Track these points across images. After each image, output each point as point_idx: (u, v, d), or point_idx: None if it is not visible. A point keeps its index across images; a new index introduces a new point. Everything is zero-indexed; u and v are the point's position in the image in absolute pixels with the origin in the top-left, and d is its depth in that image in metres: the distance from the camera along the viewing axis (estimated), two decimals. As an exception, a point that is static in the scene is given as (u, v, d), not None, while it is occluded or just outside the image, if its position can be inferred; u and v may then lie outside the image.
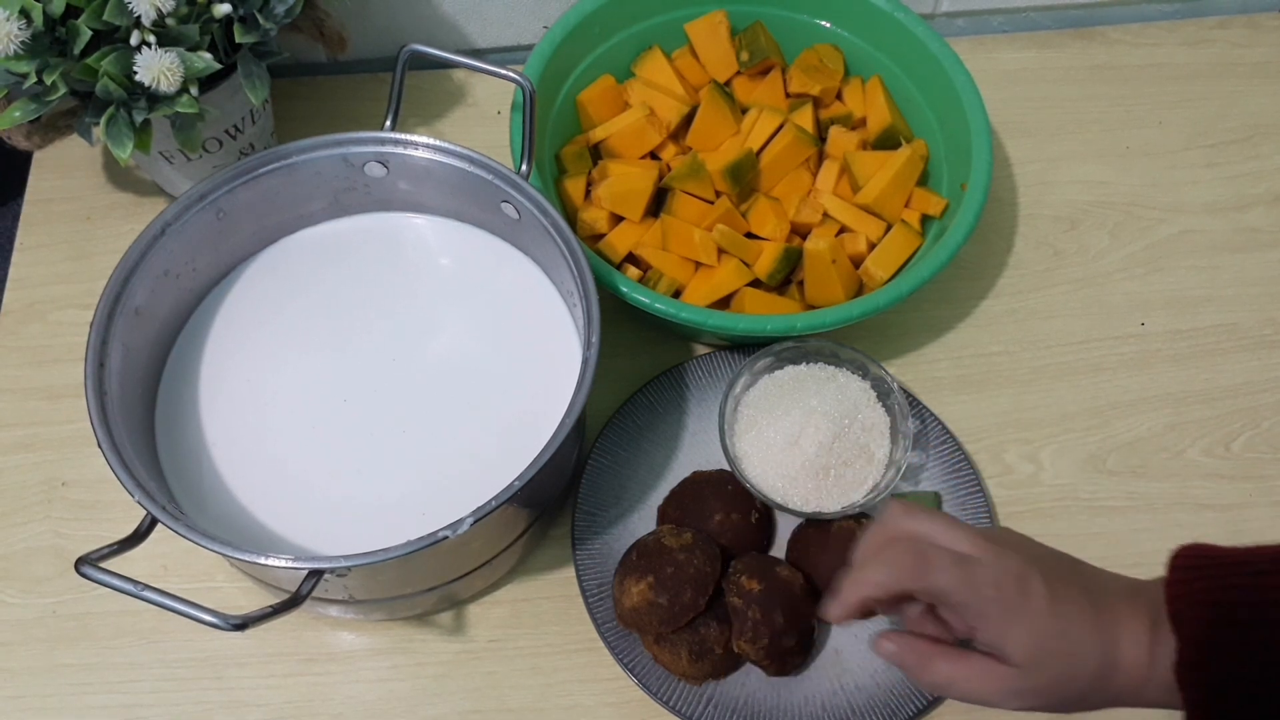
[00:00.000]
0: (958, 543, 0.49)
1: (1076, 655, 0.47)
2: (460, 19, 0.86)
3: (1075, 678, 0.48)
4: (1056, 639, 0.47)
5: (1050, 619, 0.48)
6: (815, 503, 0.65)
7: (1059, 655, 0.47)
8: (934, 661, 0.50)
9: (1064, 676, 0.48)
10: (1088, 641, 0.48)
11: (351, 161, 0.66)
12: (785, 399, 0.67)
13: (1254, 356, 0.76)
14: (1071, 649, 0.47)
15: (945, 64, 0.74)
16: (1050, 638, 0.47)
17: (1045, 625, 0.47)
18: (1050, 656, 0.47)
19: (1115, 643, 0.47)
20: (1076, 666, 0.47)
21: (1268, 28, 0.92)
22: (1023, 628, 0.47)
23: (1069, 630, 0.48)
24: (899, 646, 0.50)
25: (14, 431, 0.71)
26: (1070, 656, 0.47)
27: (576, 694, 0.64)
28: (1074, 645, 0.47)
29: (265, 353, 0.65)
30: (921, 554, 0.49)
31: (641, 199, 0.72)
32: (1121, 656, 0.47)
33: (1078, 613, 0.48)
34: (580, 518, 0.66)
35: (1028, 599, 0.48)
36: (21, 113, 0.63)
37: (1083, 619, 0.48)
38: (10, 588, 0.66)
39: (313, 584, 0.51)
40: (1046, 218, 0.82)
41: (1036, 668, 0.47)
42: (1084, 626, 0.48)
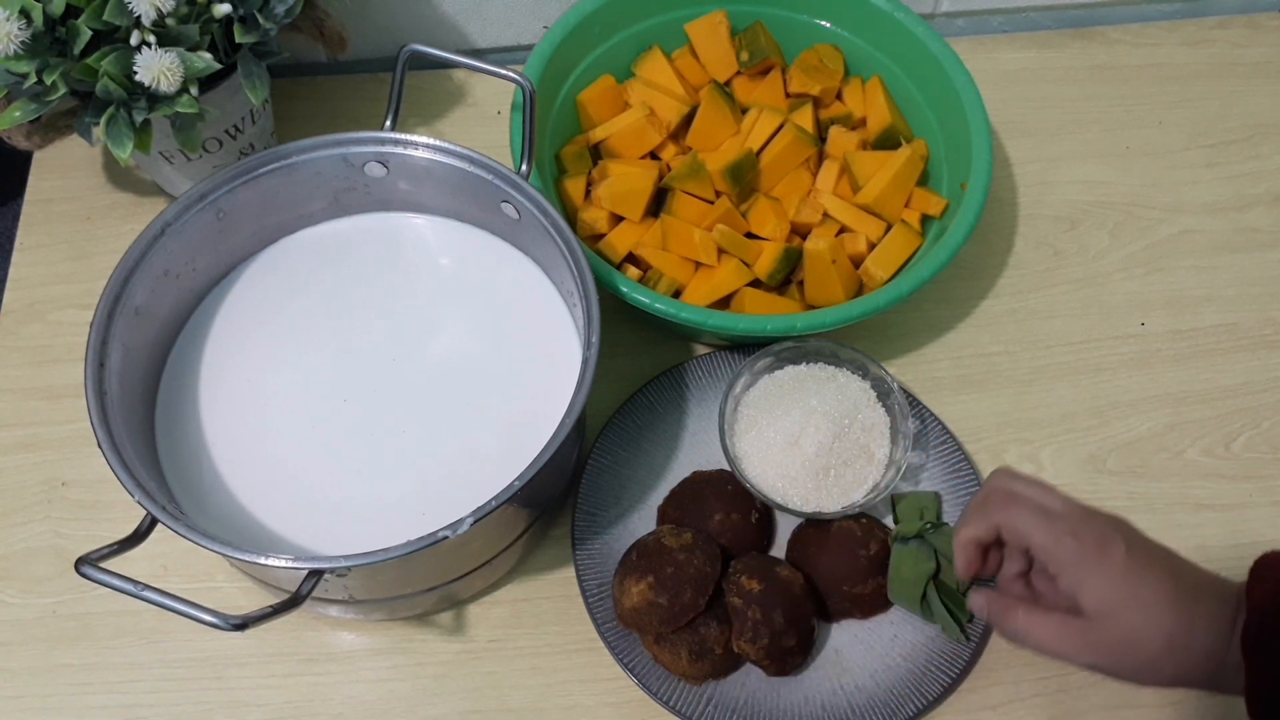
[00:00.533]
0: (1051, 501, 0.54)
1: (1149, 618, 0.50)
2: (460, 19, 0.86)
3: (1144, 640, 0.50)
4: (1130, 598, 0.50)
5: (1126, 577, 0.50)
6: (815, 503, 0.65)
7: (1131, 613, 0.50)
8: (1014, 611, 0.53)
9: (1133, 637, 0.50)
10: (1162, 608, 0.50)
11: (351, 161, 0.66)
12: (785, 399, 0.67)
13: (1254, 356, 0.76)
14: (1144, 611, 0.50)
15: (945, 64, 0.74)
16: (1124, 595, 0.50)
17: (1120, 581, 0.50)
18: (1122, 612, 0.50)
19: (1191, 618, 0.49)
20: (1147, 630, 0.50)
21: (1268, 28, 0.92)
22: (1099, 578, 0.50)
23: (1143, 593, 0.50)
24: (986, 599, 0.55)
25: (14, 431, 0.71)
26: (1142, 617, 0.50)
27: (576, 694, 0.64)
28: (1147, 608, 0.50)
29: (265, 353, 0.65)
30: (1012, 498, 0.54)
31: (641, 199, 0.72)
32: (1196, 633, 0.49)
33: (1155, 580, 0.50)
34: (580, 518, 0.66)
35: (1106, 555, 0.51)
36: (21, 113, 0.63)
37: (1160, 587, 0.50)
38: (10, 588, 0.66)
39: (313, 584, 0.51)
40: (1046, 218, 0.82)
41: (1107, 621, 0.50)
42: (1160, 594, 0.50)
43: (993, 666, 0.64)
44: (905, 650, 0.64)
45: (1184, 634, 0.49)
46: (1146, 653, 0.50)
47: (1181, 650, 0.49)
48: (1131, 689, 0.64)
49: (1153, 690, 0.64)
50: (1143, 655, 0.50)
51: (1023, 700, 0.64)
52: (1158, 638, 0.50)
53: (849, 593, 0.63)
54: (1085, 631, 0.51)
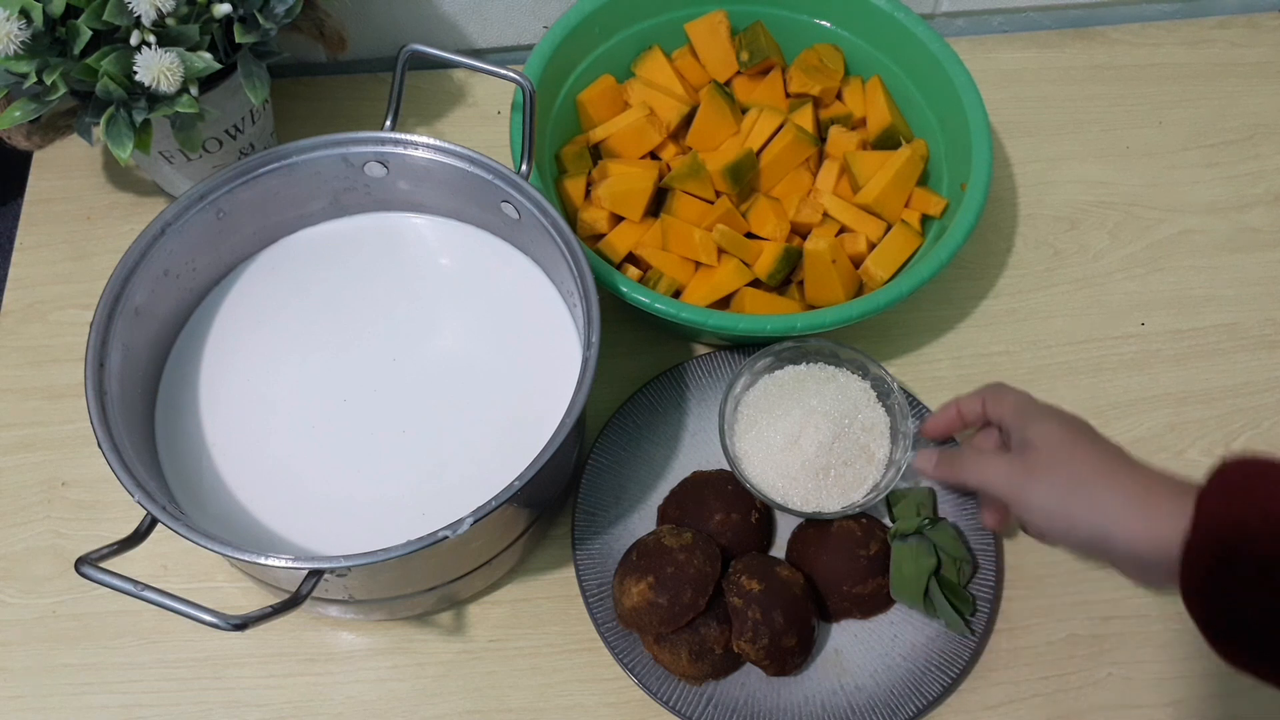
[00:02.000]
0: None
1: (1093, 451, 0.54)
2: (460, 19, 0.86)
3: (1085, 468, 0.54)
4: (1078, 433, 0.55)
5: (1076, 422, 0.56)
6: (815, 502, 0.65)
7: (1076, 443, 0.55)
8: (960, 456, 0.60)
9: (1074, 464, 0.54)
10: (1106, 448, 0.55)
11: (351, 161, 0.66)
12: (785, 399, 0.67)
13: (1254, 356, 0.76)
14: (1091, 444, 0.55)
15: (945, 64, 0.74)
16: (1073, 431, 0.56)
17: (1071, 423, 0.56)
18: (1067, 441, 0.55)
19: (1138, 474, 0.52)
20: (1090, 460, 0.54)
21: (1268, 28, 0.92)
22: (1052, 419, 0.57)
23: (1090, 435, 0.56)
24: (934, 454, 0.63)
25: (14, 431, 0.71)
26: (1087, 448, 0.54)
27: (576, 694, 0.64)
28: (1094, 442, 0.55)
29: (265, 353, 0.65)
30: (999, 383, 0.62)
31: (641, 199, 0.72)
32: (1140, 509, 0.51)
33: (1102, 439, 0.55)
34: (580, 518, 0.66)
35: (1063, 413, 0.57)
36: (21, 113, 0.63)
37: (1107, 444, 0.55)
38: (10, 588, 0.66)
39: (313, 584, 0.51)
40: (1046, 218, 0.82)
41: (1054, 449, 0.55)
42: (1107, 445, 0.55)
43: (993, 666, 0.65)
44: (905, 650, 0.64)
45: (1126, 475, 0.52)
46: (1086, 482, 0.53)
47: (1122, 491, 0.52)
48: (1132, 689, 0.64)
49: (1153, 691, 0.64)
50: (1082, 485, 0.53)
51: (1023, 700, 0.64)
52: (1099, 469, 0.53)
53: (849, 593, 0.63)
54: (1028, 461, 0.55)
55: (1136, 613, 0.66)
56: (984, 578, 0.65)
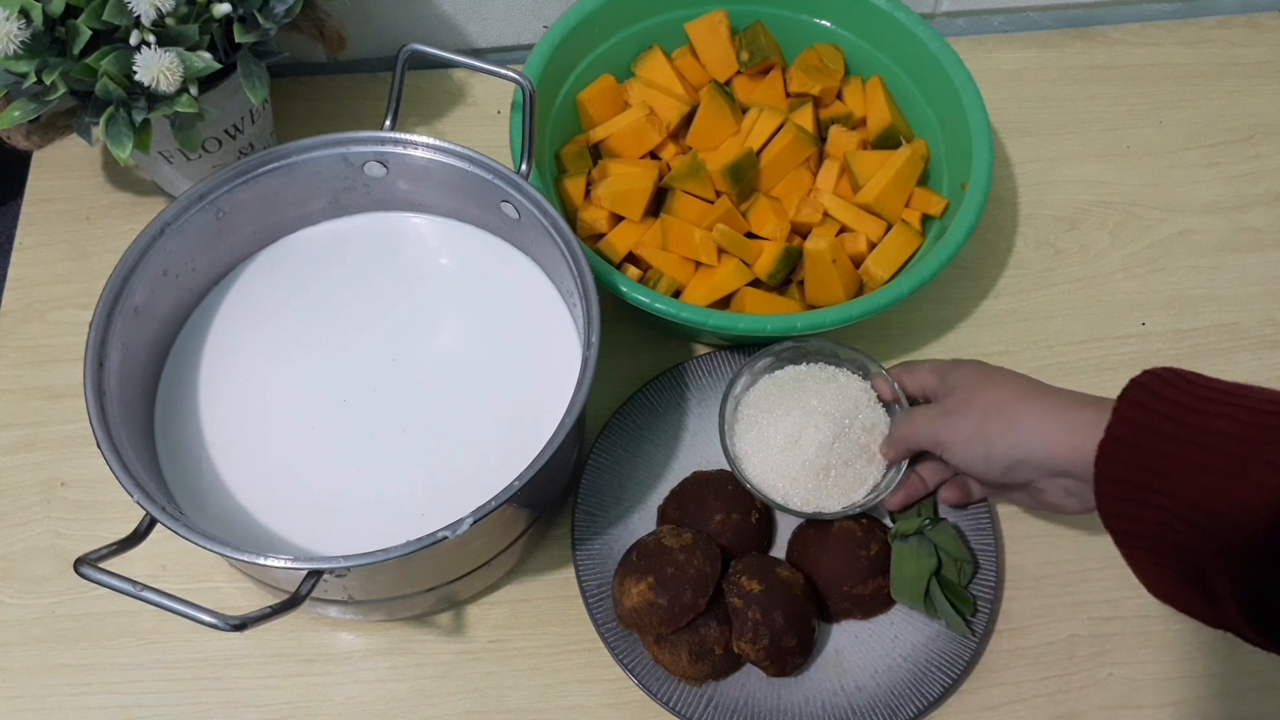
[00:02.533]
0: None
1: (1003, 381, 0.58)
2: (460, 19, 0.86)
3: (998, 393, 0.57)
4: (987, 372, 0.59)
5: (989, 366, 0.60)
6: (815, 503, 0.64)
7: (990, 386, 0.58)
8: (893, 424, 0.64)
9: (990, 405, 0.57)
10: (1009, 374, 0.58)
11: (351, 161, 0.66)
12: (786, 399, 0.67)
13: (1254, 356, 0.76)
14: (997, 376, 0.59)
15: (945, 64, 0.74)
16: (981, 371, 0.60)
17: (977, 366, 0.60)
18: (979, 384, 0.58)
19: (1062, 405, 0.54)
20: (1004, 387, 0.57)
21: (1268, 28, 0.92)
22: (964, 366, 0.61)
23: (997, 370, 0.59)
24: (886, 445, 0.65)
25: (14, 431, 0.71)
26: (998, 381, 0.58)
27: (576, 694, 0.64)
28: (999, 373, 0.59)
29: (265, 353, 0.65)
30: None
31: (641, 199, 0.72)
32: (1056, 420, 0.54)
33: (1024, 379, 0.58)
34: (580, 518, 0.66)
35: (976, 361, 0.62)
36: (21, 113, 0.63)
37: (1028, 381, 0.58)
38: (10, 588, 0.66)
39: (312, 584, 0.51)
40: (1047, 217, 0.82)
41: (968, 389, 0.59)
42: (1028, 382, 0.57)
43: (993, 667, 0.64)
44: (905, 651, 0.64)
45: (1042, 395, 0.55)
46: (1003, 405, 0.56)
47: (1039, 408, 0.54)
48: (1132, 689, 0.64)
49: (1153, 691, 0.64)
50: (998, 409, 0.56)
51: (1023, 700, 0.64)
52: (1016, 393, 0.56)
53: (849, 593, 0.63)
54: (946, 404, 0.59)
55: (1137, 613, 0.66)
56: (984, 578, 0.65)
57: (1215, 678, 0.65)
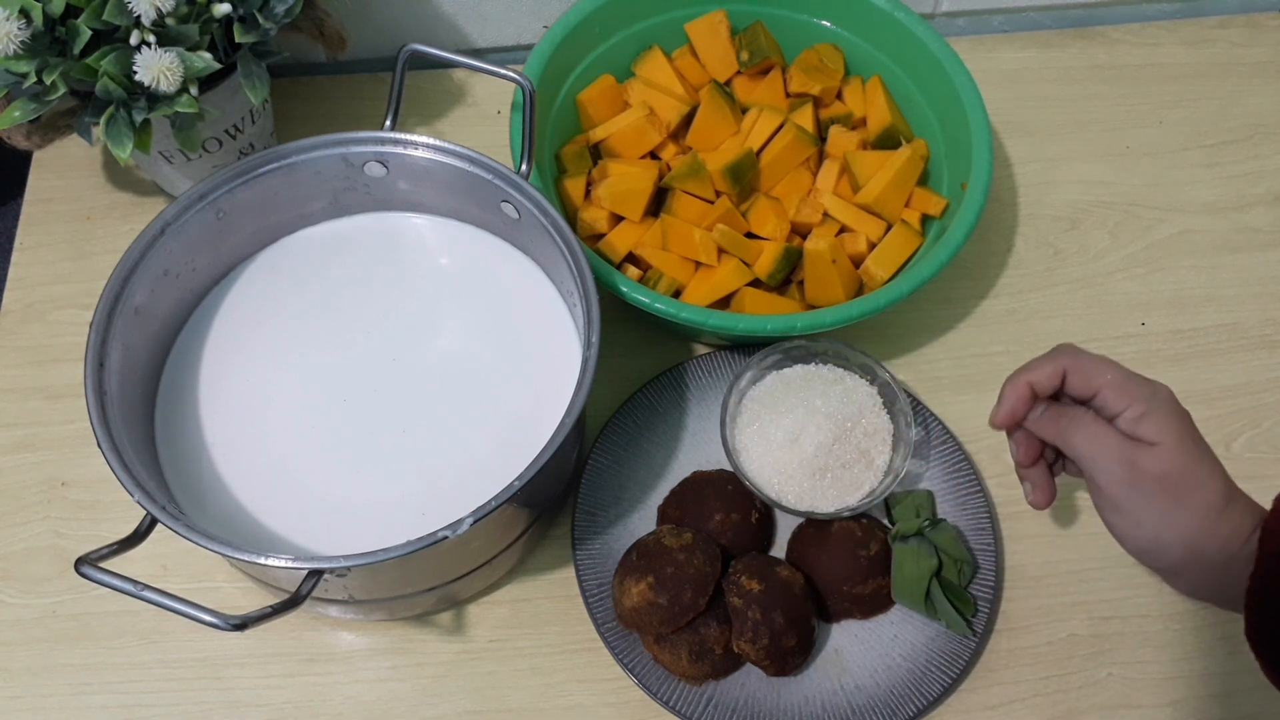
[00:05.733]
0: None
1: (1202, 460, 0.52)
2: (460, 19, 0.86)
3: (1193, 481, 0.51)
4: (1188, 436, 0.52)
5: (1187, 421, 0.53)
6: (810, 502, 0.64)
7: (1188, 450, 0.52)
8: (1077, 418, 0.54)
9: (1185, 474, 0.51)
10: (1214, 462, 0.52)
11: (351, 161, 0.66)
12: (790, 396, 0.67)
13: (1254, 356, 0.76)
14: (1199, 451, 0.52)
15: (945, 64, 0.74)
16: (1184, 430, 0.52)
17: (1182, 420, 0.53)
18: (1182, 444, 0.52)
19: (1232, 493, 0.51)
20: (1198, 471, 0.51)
21: (1268, 28, 0.92)
22: (1164, 410, 0.53)
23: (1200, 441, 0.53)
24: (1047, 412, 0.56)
25: (14, 431, 0.71)
26: (1196, 456, 0.52)
27: (576, 694, 0.64)
28: (1202, 451, 0.52)
29: (265, 353, 0.65)
30: (1079, 349, 0.56)
31: (641, 199, 0.72)
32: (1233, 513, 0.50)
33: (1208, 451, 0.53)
34: (580, 518, 0.66)
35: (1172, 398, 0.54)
36: (21, 113, 0.63)
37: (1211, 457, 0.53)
38: (10, 588, 0.66)
39: (313, 584, 0.51)
40: (1047, 217, 0.82)
41: (1166, 449, 0.51)
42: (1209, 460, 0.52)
43: (993, 666, 0.65)
44: (905, 650, 0.64)
45: (1224, 502, 0.51)
46: (1194, 495, 0.51)
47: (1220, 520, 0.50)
48: (1132, 689, 0.64)
49: (1153, 691, 0.64)
50: (1190, 497, 0.51)
51: (1023, 700, 0.64)
52: (1209, 485, 0.51)
53: (849, 593, 0.63)
54: (1141, 453, 0.52)
55: (1137, 613, 0.66)
56: (984, 578, 0.65)
57: (1215, 678, 0.65)
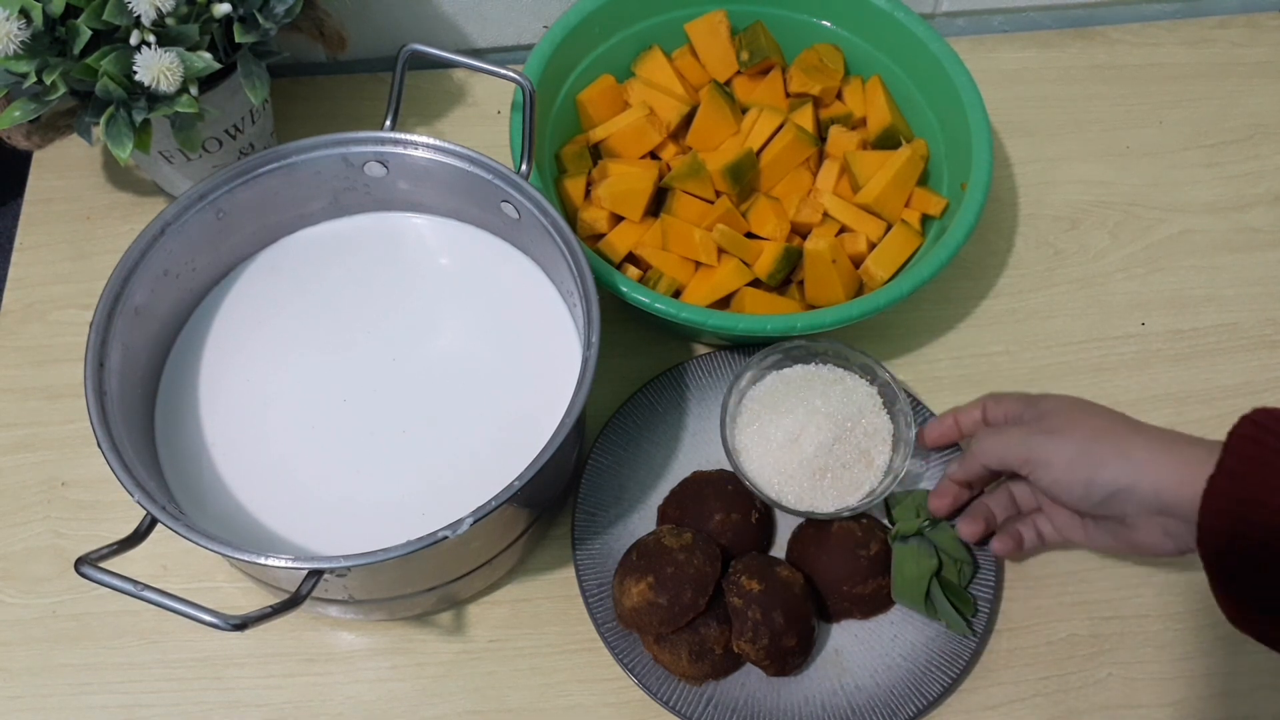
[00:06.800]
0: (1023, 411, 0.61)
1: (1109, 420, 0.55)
2: (460, 19, 0.86)
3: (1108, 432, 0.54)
4: (1087, 406, 0.57)
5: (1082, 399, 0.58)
6: (809, 502, 0.64)
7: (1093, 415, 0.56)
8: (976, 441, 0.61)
9: (1096, 430, 0.55)
10: (1129, 420, 0.55)
11: (351, 161, 0.66)
12: (790, 396, 0.67)
13: (1254, 356, 0.76)
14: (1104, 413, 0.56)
15: (945, 64, 0.74)
16: (1082, 403, 0.57)
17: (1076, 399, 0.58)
18: (1081, 411, 0.56)
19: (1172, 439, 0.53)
20: (1112, 425, 0.55)
21: (1268, 28, 0.92)
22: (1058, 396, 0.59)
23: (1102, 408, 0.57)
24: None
25: (14, 431, 0.71)
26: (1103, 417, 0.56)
27: (576, 694, 0.64)
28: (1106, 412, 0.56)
29: (265, 353, 0.65)
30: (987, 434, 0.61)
31: (641, 199, 0.72)
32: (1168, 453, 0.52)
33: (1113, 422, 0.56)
34: (580, 518, 0.66)
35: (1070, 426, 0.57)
36: (21, 113, 0.63)
37: (1124, 416, 0.56)
38: (10, 588, 0.66)
39: (313, 584, 0.51)
40: (1046, 217, 0.82)
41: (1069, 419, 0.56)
42: (1126, 418, 0.56)
43: (993, 666, 0.64)
44: (905, 650, 0.64)
45: (1148, 428, 0.53)
46: (1110, 431, 0.54)
47: (1147, 439, 0.53)
48: (1132, 689, 0.64)
49: (1153, 691, 0.64)
50: (1106, 434, 0.54)
51: (1023, 700, 0.64)
52: (1119, 423, 0.54)
53: (849, 593, 0.63)
54: (1045, 424, 0.57)
55: (1137, 612, 0.66)
56: (984, 578, 0.65)
57: (1215, 677, 0.65)
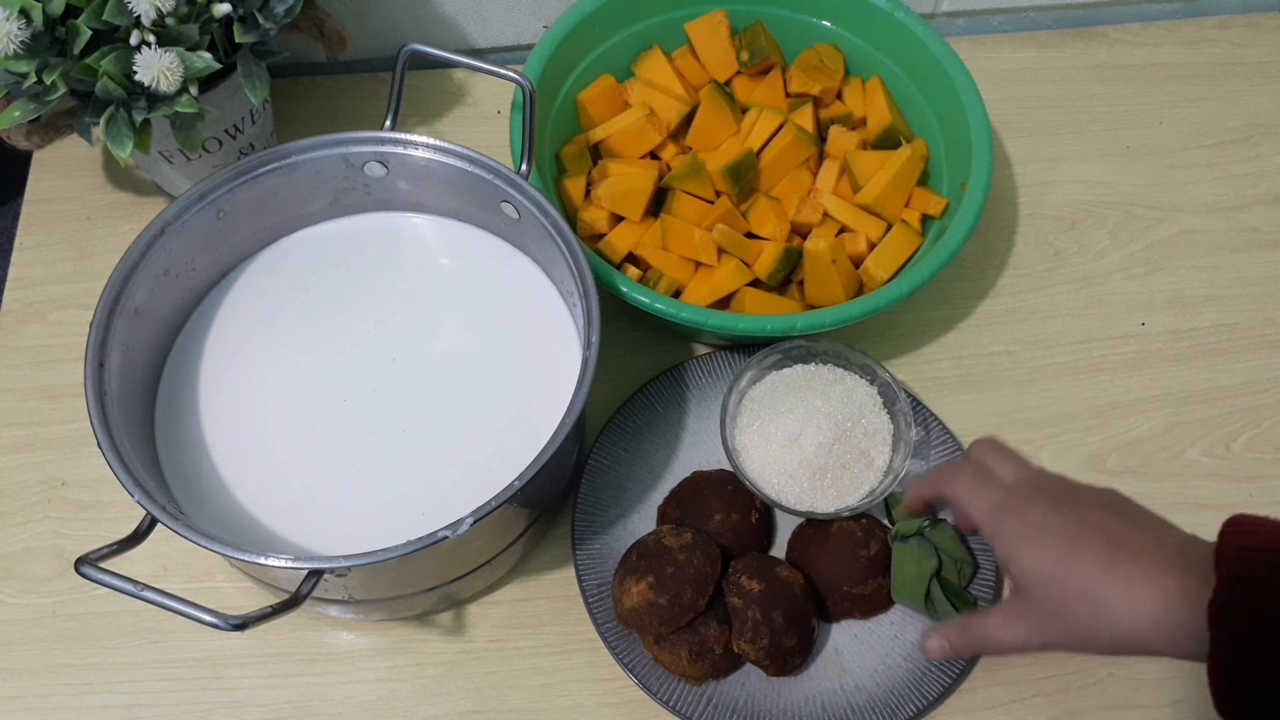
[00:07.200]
0: (1008, 472, 0.56)
1: (1075, 583, 0.50)
2: (460, 19, 0.86)
3: (1074, 606, 0.50)
4: (1056, 564, 0.50)
5: (1056, 545, 0.51)
6: (809, 502, 0.64)
7: (1057, 581, 0.50)
8: (963, 626, 0.55)
9: (1062, 605, 0.50)
10: (1090, 572, 0.50)
11: (351, 161, 0.66)
12: (790, 396, 0.67)
13: (1254, 356, 0.76)
14: (1072, 576, 0.50)
15: (945, 64, 0.74)
16: (1050, 563, 0.50)
17: (1047, 551, 0.51)
18: (1048, 582, 0.50)
19: (1128, 582, 0.49)
20: (1075, 593, 0.50)
21: (1268, 28, 0.92)
22: (1027, 550, 0.51)
23: (1071, 560, 0.50)
24: (940, 633, 0.56)
25: (14, 431, 0.71)
26: (1068, 583, 0.50)
27: (576, 694, 0.64)
28: (1074, 573, 0.50)
29: (265, 353, 0.65)
30: (960, 469, 0.57)
31: (641, 199, 0.72)
32: (1137, 596, 0.48)
33: (1088, 546, 0.50)
34: (580, 518, 0.66)
35: (1040, 528, 0.51)
36: (21, 113, 0.63)
37: (1092, 552, 0.50)
38: (10, 588, 0.66)
39: (313, 584, 0.51)
40: (1046, 217, 0.82)
41: (1037, 591, 0.51)
42: (1092, 559, 0.50)
43: (993, 666, 0.64)
44: (905, 650, 0.64)
45: (1117, 597, 0.49)
46: (1078, 621, 0.50)
47: (1120, 615, 0.49)
48: (1131, 689, 0.64)
49: (1153, 691, 0.64)
50: (1077, 624, 0.50)
51: (1023, 700, 0.64)
52: (1086, 603, 0.50)
53: (849, 593, 0.63)
54: (1024, 610, 0.52)
55: (1137, 613, 0.66)
56: (984, 578, 0.65)
57: (1215, 677, 0.65)
